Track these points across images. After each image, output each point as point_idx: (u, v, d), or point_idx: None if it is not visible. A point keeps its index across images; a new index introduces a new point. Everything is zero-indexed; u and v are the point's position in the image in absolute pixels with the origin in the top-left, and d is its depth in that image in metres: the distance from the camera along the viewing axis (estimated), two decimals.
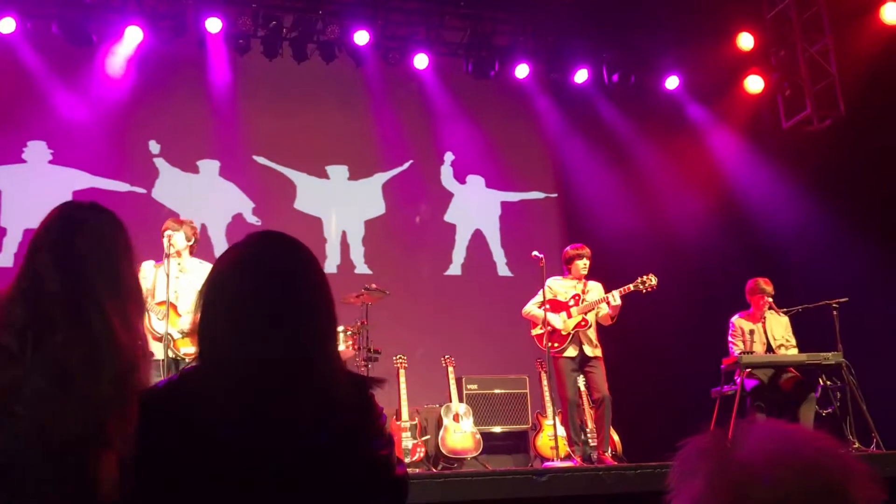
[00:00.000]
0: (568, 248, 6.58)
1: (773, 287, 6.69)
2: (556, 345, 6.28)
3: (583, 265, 6.39)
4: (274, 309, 1.51)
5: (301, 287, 1.57)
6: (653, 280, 6.30)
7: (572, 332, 6.28)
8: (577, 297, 6.37)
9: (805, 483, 0.92)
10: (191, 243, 5.89)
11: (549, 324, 6.24)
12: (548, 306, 6.33)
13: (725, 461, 0.97)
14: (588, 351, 6.28)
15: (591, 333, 6.35)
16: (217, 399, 1.45)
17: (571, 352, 6.27)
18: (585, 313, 6.30)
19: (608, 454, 6.60)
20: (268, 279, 1.54)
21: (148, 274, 5.78)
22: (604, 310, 6.28)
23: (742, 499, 0.93)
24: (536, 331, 6.48)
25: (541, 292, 6.45)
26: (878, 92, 7.66)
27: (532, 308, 6.50)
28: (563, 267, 6.52)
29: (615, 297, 6.19)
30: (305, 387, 1.48)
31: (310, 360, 1.51)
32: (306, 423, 1.46)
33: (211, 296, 1.56)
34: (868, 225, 7.69)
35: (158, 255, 5.80)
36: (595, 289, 6.45)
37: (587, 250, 6.45)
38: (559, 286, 6.46)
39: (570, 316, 6.32)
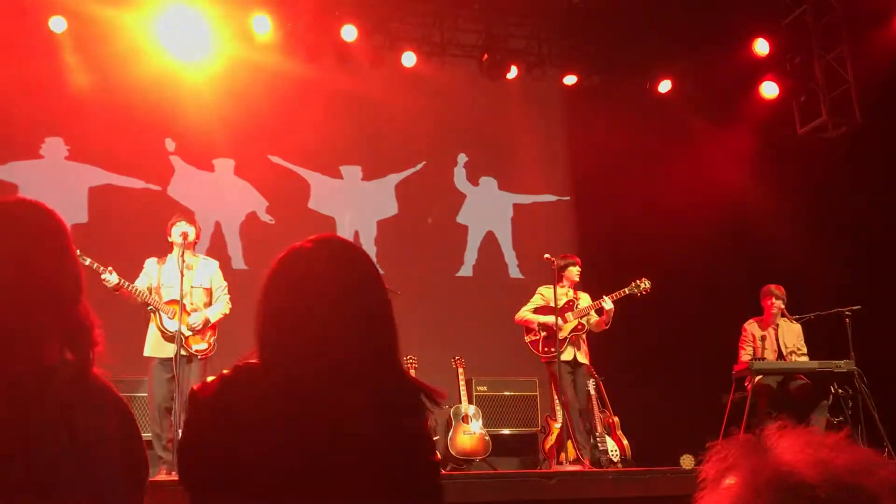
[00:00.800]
0: (558, 258, 6.57)
1: (786, 294, 6.67)
2: (552, 350, 6.31)
3: (576, 272, 6.49)
4: (336, 312, 1.54)
5: (364, 293, 1.60)
6: (646, 284, 6.33)
7: (569, 336, 6.32)
8: (570, 303, 6.43)
9: (840, 490, 0.93)
10: (195, 240, 5.89)
11: (544, 327, 6.33)
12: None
13: (764, 461, 0.98)
14: (580, 357, 6.37)
15: (583, 339, 6.43)
16: (271, 398, 1.46)
17: (568, 355, 6.32)
18: (581, 317, 6.37)
19: (616, 458, 6.60)
20: (332, 283, 1.56)
21: (152, 271, 5.78)
22: (594, 316, 6.37)
23: (780, 500, 0.93)
24: (531, 337, 6.54)
25: (532, 299, 6.57)
26: (895, 99, 7.62)
27: (527, 314, 6.55)
28: (556, 275, 6.51)
29: (608, 302, 6.25)
30: (363, 393, 1.49)
31: (370, 366, 1.53)
32: (360, 429, 1.47)
33: (272, 294, 1.57)
34: (883, 232, 7.66)
35: (168, 251, 5.85)
36: (583, 297, 6.54)
37: (578, 259, 6.57)
38: (551, 294, 6.48)
39: (565, 321, 6.37)
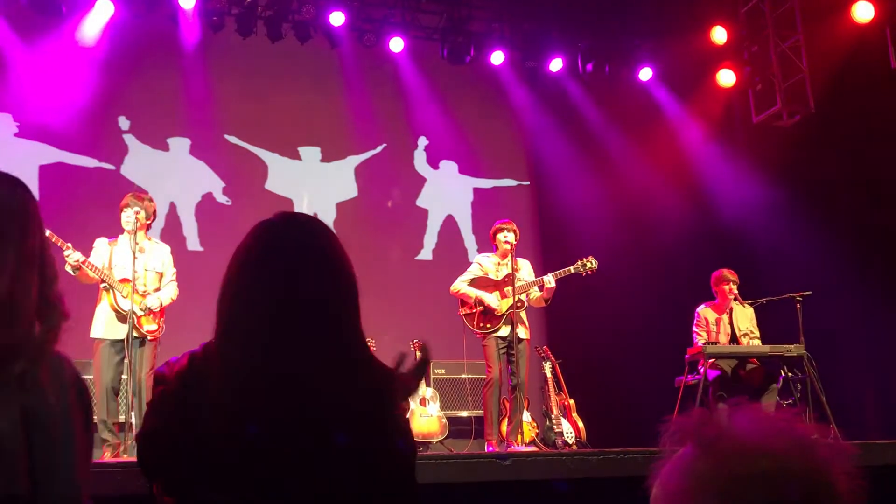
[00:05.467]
0: (495, 223, 6.31)
1: (739, 278, 6.78)
2: (488, 325, 6.01)
3: (503, 238, 6.13)
4: (297, 291, 1.49)
5: (325, 270, 1.53)
6: (593, 263, 6.16)
7: (507, 312, 5.99)
8: (510, 276, 6.05)
9: (789, 465, 0.94)
10: (149, 221, 5.75)
11: (482, 303, 6.03)
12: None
13: (723, 431, 0.99)
14: (520, 332, 6.01)
15: (523, 314, 6.11)
16: (229, 380, 1.43)
17: (504, 332, 6.01)
18: (520, 293, 6.02)
19: (571, 440, 6.65)
20: (293, 261, 1.51)
21: (102, 251, 5.67)
22: (535, 293, 6.08)
23: (732, 473, 0.95)
24: (465, 310, 6.17)
25: (470, 269, 6.24)
26: (847, 89, 7.77)
27: (462, 286, 6.19)
28: (491, 244, 6.29)
29: (550, 280, 6.02)
30: (324, 374, 1.45)
31: (330, 345, 1.48)
32: (321, 414, 1.43)
33: (232, 273, 1.53)
34: (833, 220, 7.82)
35: (119, 231, 5.71)
36: (525, 266, 6.22)
37: (514, 224, 6.20)
38: (489, 263, 6.23)
39: (504, 296, 6.05)
